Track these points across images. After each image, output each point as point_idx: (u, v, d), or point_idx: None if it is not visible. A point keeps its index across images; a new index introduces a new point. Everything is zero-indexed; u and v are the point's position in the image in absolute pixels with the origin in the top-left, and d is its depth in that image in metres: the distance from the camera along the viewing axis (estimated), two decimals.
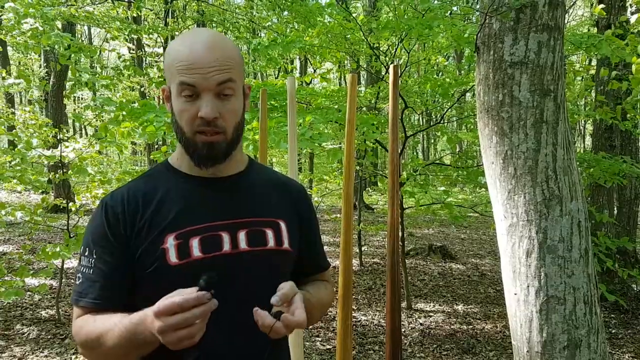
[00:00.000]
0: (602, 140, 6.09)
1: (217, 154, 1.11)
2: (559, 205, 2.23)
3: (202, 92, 1.06)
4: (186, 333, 0.90)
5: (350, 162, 2.23)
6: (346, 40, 6.05)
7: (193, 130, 1.09)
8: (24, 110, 6.07)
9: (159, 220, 1.10)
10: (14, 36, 6.00)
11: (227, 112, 1.09)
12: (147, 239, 1.09)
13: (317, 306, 1.22)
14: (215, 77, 1.06)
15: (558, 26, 2.30)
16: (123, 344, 0.99)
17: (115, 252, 1.09)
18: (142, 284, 1.10)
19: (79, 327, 1.08)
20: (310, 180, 11.44)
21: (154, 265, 1.07)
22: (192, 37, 1.10)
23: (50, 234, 9.10)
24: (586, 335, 2.18)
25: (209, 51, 1.06)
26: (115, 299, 1.09)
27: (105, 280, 1.09)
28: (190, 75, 1.05)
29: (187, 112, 1.08)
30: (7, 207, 4.51)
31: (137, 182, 1.19)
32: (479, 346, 4.59)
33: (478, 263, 8.37)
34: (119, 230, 1.10)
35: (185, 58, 1.06)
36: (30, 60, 18.29)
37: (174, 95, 1.10)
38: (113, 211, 1.11)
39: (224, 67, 1.07)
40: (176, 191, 1.15)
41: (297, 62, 17.82)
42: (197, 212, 1.13)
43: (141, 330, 0.97)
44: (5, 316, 4.89)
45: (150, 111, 3.75)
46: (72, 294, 1.12)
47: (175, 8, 12.94)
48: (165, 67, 1.13)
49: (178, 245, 1.08)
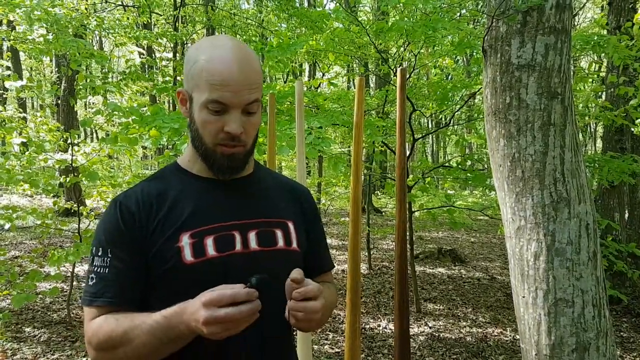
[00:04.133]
0: (612, 142, 6.06)
1: (237, 164, 1.16)
2: (567, 207, 2.22)
3: (231, 108, 1.09)
4: (232, 326, 0.93)
5: (358, 165, 2.24)
6: (353, 44, 6.07)
7: (215, 142, 1.12)
8: (35, 115, 6.13)
9: (173, 220, 1.12)
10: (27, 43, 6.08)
11: (249, 127, 1.13)
12: (161, 238, 1.10)
13: (326, 305, 1.22)
14: (246, 96, 1.09)
15: (565, 29, 2.30)
16: (152, 340, 0.99)
17: (131, 251, 1.10)
18: (156, 283, 1.10)
19: (98, 327, 1.05)
20: (319, 184, 11.44)
21: (169, 263, 1.08)
22: (220, 51, 1.10)
23: (61, 238, 9.17)
24: (595, 338, 2.17)
25: (240, 70, 1.08)
26: (133, 298, 1.09)
27: (123, 279, 1.09)
28: (222, 92, 1.07)
29: (212, 125, 1.11)
30: (18, 211, 4.56)
31: (149, 182, 1.21)
32: (489, 350, 4.57)
33: (488, 266, 8.33)
34: (134, 228, 1.11)
35: (218, 73, 1.07)
36: (42, 66, 18.49)
37: (198, 104, 1.11)
38: (128, 210, 1.12)
39: (253, 86, 1.10)
40: (189, 192, 1.17)
41: (305, 65, 17.85)
42: (210, 212, 1.15)
43: (175, 324, 0.97)
44: (17, 319, 4.94)
45: (160, 117, 3.77)
46: (84, 295, 1.10)
47: (184, 13, 13.04)
48: (190, 73, 1.13)
49: (193, 244, 1.10)
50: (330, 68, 10.71)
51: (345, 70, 13.94)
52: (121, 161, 18.02)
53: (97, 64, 13.32)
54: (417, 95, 6.30)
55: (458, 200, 12.23)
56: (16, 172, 4.47)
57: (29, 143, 4.49)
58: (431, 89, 6.40)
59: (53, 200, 5.88)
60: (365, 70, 10.28)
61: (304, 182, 2.32)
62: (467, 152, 15.56)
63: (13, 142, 4.45)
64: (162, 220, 1.12)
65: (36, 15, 5.23)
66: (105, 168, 8.25)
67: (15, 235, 9.37)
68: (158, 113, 3.99)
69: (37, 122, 5.85)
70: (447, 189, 15.34)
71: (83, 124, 4.50)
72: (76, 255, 4.13)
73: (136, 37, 9.38)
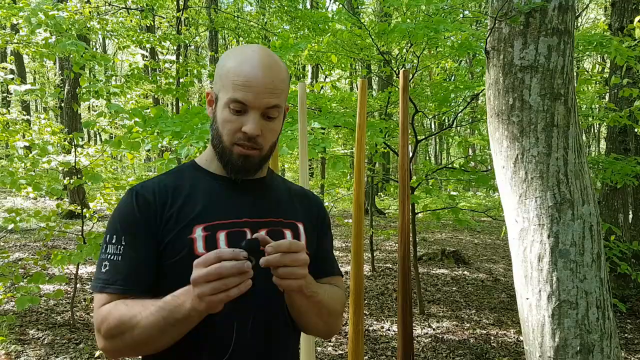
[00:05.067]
0: (616, 143, 6.06)
1: (251, 166, 1.17)
2: (571, 209, 2.22)
3: (251, 109, 1.12)
4: (219, 284, 0.92)
5: (360, 167, 2.24)
6: (356, 46, 6.07)
7: (232, 141, 1.14)
8: (38, 117, 6.15)
9: (187, 212, 1.14)
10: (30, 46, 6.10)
11: (268, 132, 1.16)
12: (175, 229, 1.12)
13: (328, 299, 1.21)
14: (266, 100, 1.12)
15: (568, 30, 2.30)
16: (159, 322, 1.00)
17: (145, 239, 1.11)
18: (167, 274, 1.11)
19: (107, 312, 1.06)
20: (321, 185, 11.46)
21: (180, 254, 1.10)
22: (250, 55, 1.13)
23: (65, 240, 9.19)
24: (599, 340, 2.16)
25: (265, 74, 1.11)
26: (145, 286, 1.10)
27: (136, 267, 1.10)
28: (244, 92, 1.10)
29: (231, 124, 1.13)
30: (22, 214, 4.57)
31: (166, 176, 1.24)
32: (492, 352, 4.56)
33: (491, 268, 8.31)
34: (150, 217, 1.13)
35: (243, 75, 1.11)
36: (45, 68, 18.55)
37: (221, 104, 1.15)
38: (144, 199, 1.14)
39: (275, 91, 1.13)
40: (204, 187, 1.20)
41: (308, 67, 17.88)
42: (224, 208, 1.17)
43: (181, 302, 0.98)
44: (20, 321, 4.95)
45: (162, 121, 3.77)
46: (95, 282, 1.11)
47: (187, 16, 13.07)
48: (218, 75, 1.17)
49: (206, 237, 1.12)
50: (333, 70, 10.72)
51: (347, 72, 13.95)
52: (124, 162, 18.06)
53: (100, 67, 13.37)
54: (419, 97, 6.30)
55: (461, 201, 12.22)
56: (19, 176, 4.47)
57: (32, 146, 4.49)
58: (433, 90, 6.39)
59: (56, 203, 5.89)
60: (368, 72, 10.29)
61: (307, 184, 2.32)
62: (470, 154, 15.55)
63: (16, 146, 4.46)
64: (176, 211, 1.14)
65: (38, 19, 5.25)
66: (109, 170, 8.26)
67: (19, 237, 9.40)
68: (161, 116, 3.99)
69: (41, 125, 5.86)
70: (451, 190, 15.34)
71: (85, 125, 4.50)
72: (79, 256, 4.13)
73: (139, 40, 9.42)
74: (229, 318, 1.08)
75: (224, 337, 1.10)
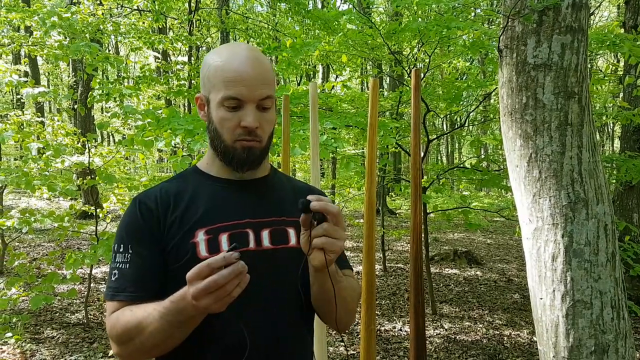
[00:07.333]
0: (630, 142, 5.98)
1: (255, 158, 1.20)
2: (585, 208, 2.19)
3: (246, 103, 1.14)
4: (221, 292, 0.92)
5: (372, 166, 2.23)
6: (366, 46, 6.06)
7: (234, 138, 1.17)
8: (52, 119, 6.22)
9: (189, 216, 1.16)
10: (42, 48, 6.16)
11: (265, 123, 1.18)
12: (178, 234, 1.14)
13: (347, 287, 1.21)
14: (259, 91, 1.14)
15: (582, 28, 2.28)
16: (164, 326, 1.01)
17: (150, 246, 1.14)
18: (172, 278, 1.12)
19: (115, 320, 1.09)
20: (332, 185, 11.46)
21: (184, 258, 1.12)
22: (234, 52, 1.17)
23: (78, 240, 9.28)
24: (614, 340, 2.14)
25: (253, 67, 1.15)
26: (153, 292, 1.11)
27: (142, 273, 1.13)
28: (237, 88, 1.13)
29: (230, 121, 1.16)
30: (36, 214, 4.62)
31: (169, 182, 1.26)
32: (506, 352, 4.53)
33: (505, 268, 8.26)
34: (153, 224, 1.15)
35: (233, 70, 1.13)
36: (59, 70, 18.71)
37: (214, 104, 1.17)
38: (147, 206, 1.17)
39: (266, 81, 1.16)
40: (206, 191, 1.22)
41: (319, 67, 17.87)
42: (225, 210, 1.19)
43: (183, 306, 0.98)
44: (35, 320, 5.00)
45: (175, 120, 3.81)
46: (107, 290, 1.15)
47: (199, 17, 13.13)
48: (205, 77, 1.19)
49: (208, 240, 1.14)
50: (344, 70, 10.70)
51: (358, 72, 13.93)
52: (137, 163, 18.18)
53: (113, 68, 13.47)
54: (431, 96, 6.27)
55: (474, 201, 12.14)
56: (33, 177, 4.52)
57: (46, 147, 4.54)
58: (445, 88, 6.36)
59: (70, 204, 5.94)
60: (379, 72, 10.26)
61: (318, 184, 2.32)
62: (483, 153, 15.44)
63: (30, 147, 4.51)
64: (179, 217, 1.16)
65: (51, 22, 5.29)
66: (122, 170, 8.33)
67: (33, 237, 9.50)
68: (174, 116, 4.02)
69: (55, 126, 5.92)
70: (463, 190, 15.25)
71: (100, 127, 4.55)
72: (93, 257, 4.17)
73: (151, 42, 9.47)
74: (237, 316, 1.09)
75: (233, 334, 1.10)
